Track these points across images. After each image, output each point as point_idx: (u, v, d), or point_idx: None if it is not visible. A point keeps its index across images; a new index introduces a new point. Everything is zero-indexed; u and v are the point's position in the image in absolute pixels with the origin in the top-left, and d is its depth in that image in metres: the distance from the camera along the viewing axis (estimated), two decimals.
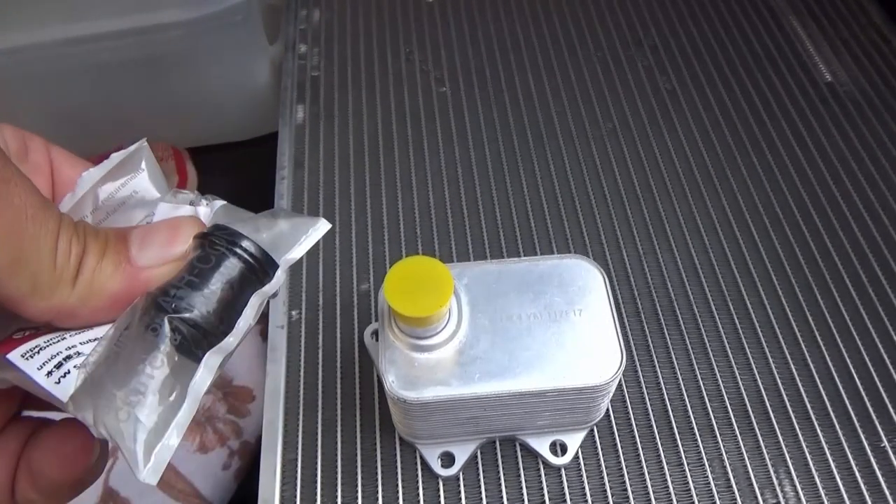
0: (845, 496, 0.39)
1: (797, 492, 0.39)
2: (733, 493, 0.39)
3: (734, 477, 0.40)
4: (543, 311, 0.38)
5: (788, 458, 0.41)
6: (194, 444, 0.48)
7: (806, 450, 0.41)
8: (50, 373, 0.18)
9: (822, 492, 0.39)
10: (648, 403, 0.43)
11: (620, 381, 0.44)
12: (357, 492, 0.40)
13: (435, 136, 0.57)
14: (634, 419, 0.42)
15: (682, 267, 0.49)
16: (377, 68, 0.63)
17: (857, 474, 0.40)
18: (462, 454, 0.41)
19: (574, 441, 0.41)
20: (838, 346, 0.45)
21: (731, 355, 0.45)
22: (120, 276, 0.19)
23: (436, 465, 0.40)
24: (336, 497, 0.40)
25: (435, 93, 0.61)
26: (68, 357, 0.19)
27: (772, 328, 0.46)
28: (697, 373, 0.44)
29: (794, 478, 0.40)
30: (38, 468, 0.20)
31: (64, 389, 0.18)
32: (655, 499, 0.39)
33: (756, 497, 0.39)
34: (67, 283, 0.18)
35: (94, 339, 0.20)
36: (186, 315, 0.20)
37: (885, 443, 0.41)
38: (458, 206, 0.52)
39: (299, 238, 0.23)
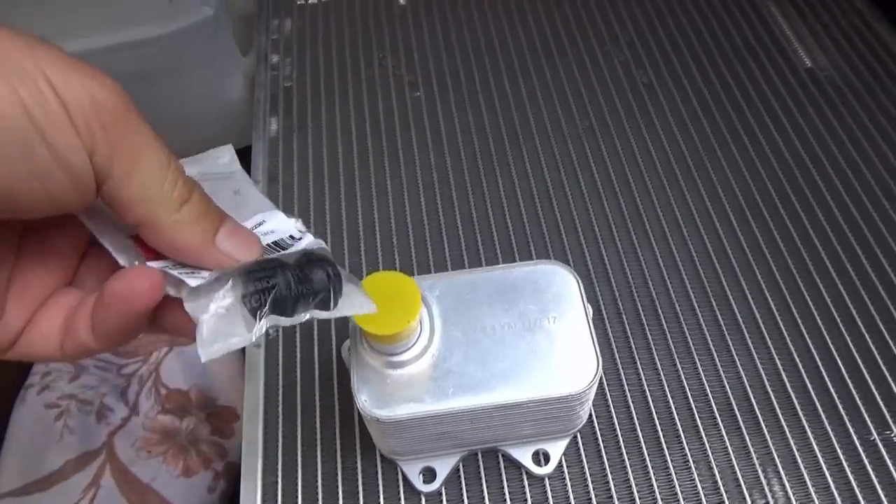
0: (835, 493, 0.38)
1: (786, 491, 0.39)
2: (721, 495, 0.39)
3: (721, 478, 0.39)
4: (517, 321, 0.37)
5: (776, 456, 0.40)
6: (178, 468, 0.47)
7: (794, 447, 0.40)
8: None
9: (811, 489, 0.39)
10: (632, 407, 0.42)
11: (603, 385, 0.43)
12: None
13: (409, 143, 0.56)
14: (618, 424, 0.41)
15: (662, 263, 0.48)
16: (350, 75, 0.62)
17: (847, 470, 0.39)
18: (443, 468, 0.40)
19: (557, 449, 0.40)
20: (823, 337, 0.44)
21: (714, 353, 0.44)
22: (201, 243, 0.24)
23: (417, 482, 0.40)
24: None
25: (409, 98, 0.60)
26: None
27: (755, 322, 0.45)
28: (681, 373, 0.43)
29: (783, 476, 0.39)
30: (107, 302, 0.23)
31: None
32: None
33: (744, 498, 0.39)
34: (165, 207, 0.22)
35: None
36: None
37: (875, 436, 0.40)
38: (434, 214, 0.52)
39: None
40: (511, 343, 0.36)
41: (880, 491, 0.38)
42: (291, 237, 0.29)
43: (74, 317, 0.24)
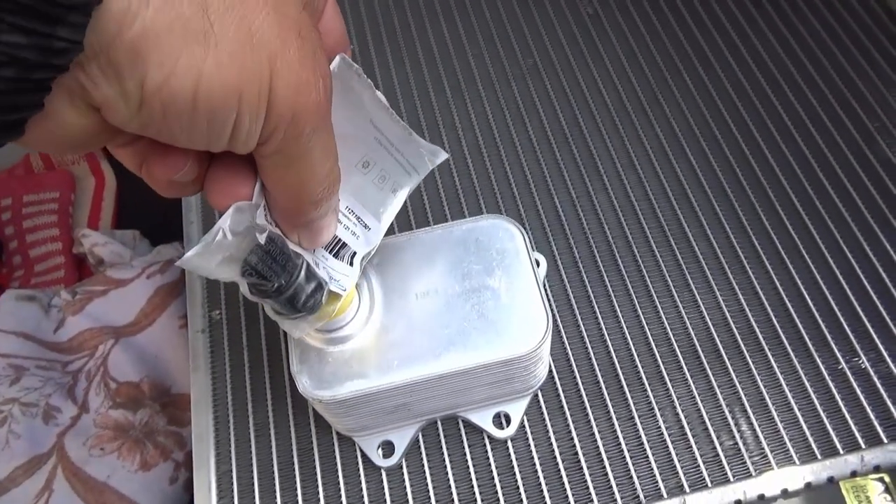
0: (804, 426, 0.37)
1: (755, 429, 0.38)
2: (688, 440, 0.38)
3: (688, 423, 0.38)
4: (462, 282, 0.35)
5: (743, 396, 0.39)
6: (134, 462, 0.46)
7: (761, 384, 0.39)
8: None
9: (780, 426, 0.38)
10: (594, 358, 0.40)
11: (562, 338, 0.41)
12: (297, 495, 0.38)
13: None
14: (580, 377, 0.40)
15: (617, 206, 0.46)
16: None
17: (816, 402, 0.38)
18: (402, 441, 0.38)
19: (518, 410, 0.39)
20: (787, 267, 0.43)
21: (675, 294, 0.42)
22: (293, 219, 0.27)
23: (376, 457, 0.38)
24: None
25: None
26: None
27: (717, 258, 0.43)
28: (642, 318, 0.42)
29: (751, 415, 0.38)
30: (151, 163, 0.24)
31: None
32: (608, 457, 0.37)
33: (712, 441, 0.37)
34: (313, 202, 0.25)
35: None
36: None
37: (843, 364, 0.39)
38: None
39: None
40: (456, 307, 0.34)
41: (850, 419, 0.37)
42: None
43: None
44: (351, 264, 0.31)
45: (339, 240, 0.31)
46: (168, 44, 0.18)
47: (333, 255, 0.30)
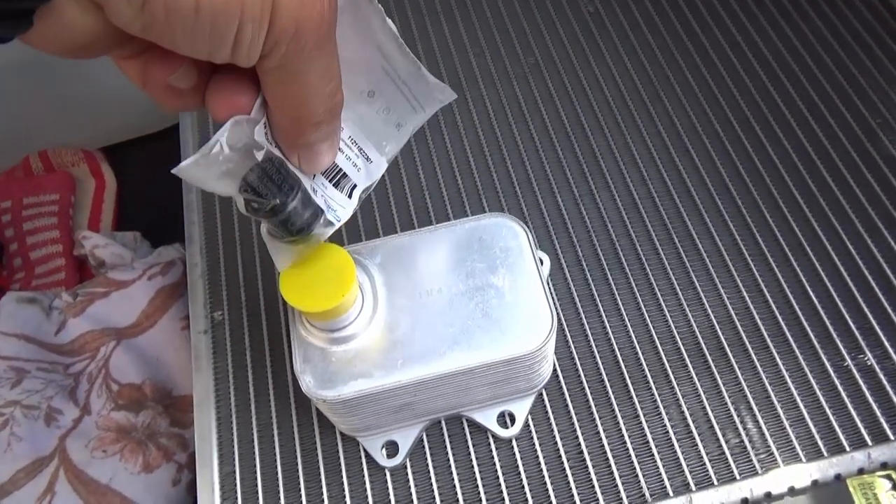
0: (810, 423, 0.37)
1: (760, 427, 0.37)
2: (694, 438, 0.37)
3: (693, 421, 0.38)
4: (465, 281, 0.35)
5: (749, 394, 0.38)
6: (137, 464, 0.45)
7: (766, 381, 0.39)
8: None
9: (786, 423, 0.37)
10: (598, 357, 0.40)
11: (567, 337, 0.41)
12: (301, 496, 0.38)
13: None
14: (584, 376, 0.40)
15: (621, 204, 0.46)
16: None
17: (822, 399, 0.38)
18: (406, 441, 0.38)
19: (522, 409, 0.39)
20: (791, 264, 0.42)
21: (679, 292, 0.42)
22: (294, 140, 0.26)
23: (380, 457, 0.38)
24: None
25: None
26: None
27: (720, 256, 0.43)
28: (646, 316, 0.41)
29: (757, 413, 0.38)
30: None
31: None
32: (613, 456, 0.37)
33: (718, 439, 0.37)
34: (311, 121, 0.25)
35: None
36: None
37: (849, 361, 0.39)
38: None
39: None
40: (460, 305, 0.34)
41: (856, 417, 0.37)
42: None
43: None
44: (350, 196, 0.31)
45: (340, 169, 0.30)
46: None
47: (333, 185, 0.30)
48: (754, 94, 0.50)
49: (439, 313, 0.34)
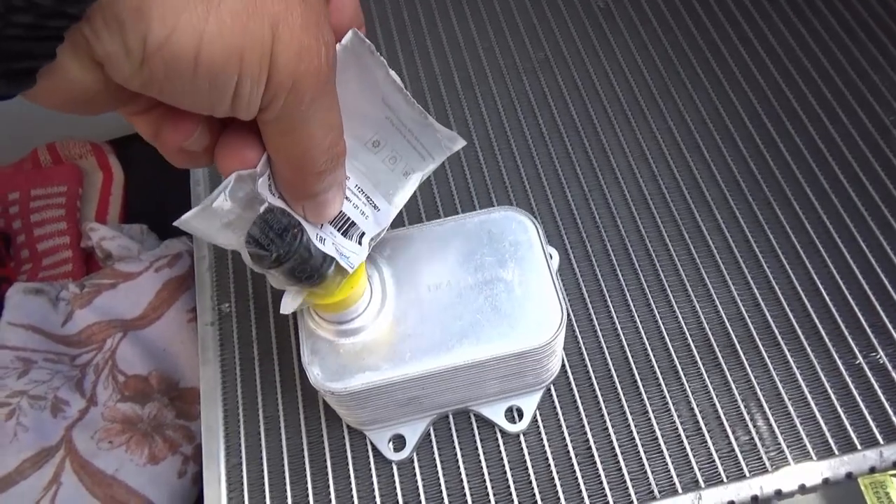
0: (822, 422, 0.37)
1: (770, 424, 0.37)
2: (703, 435, 0.37)
3: (703, 418, 0.38)
4: (475, 274, 0.35)
5: (759, 391, 0.38)
6: (143, 456, 0.45)
7: (777, 378, 0.38)
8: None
9: (796, 421, 0.37)
10: (607, 352, 0.40)
11: (575, 332, 0.41)
12: (307, 488, 0.38)
13: None
14: (593, 372, 0.39)
15: (630, 200, 0.45)
16: None
17: (833, 397, 0.38)
18: (413, 435, 0.38)
19: (530, 404, 0.38)
20: (803, 261, 0.42)
21: (689, 288, 0.42)
22: (299, 196, 0.27)
23: (387, 450, 0.38)
24: (286, 497, 0.38)
25: None
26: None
27: (731, 252, 0.43)
28: (656, 312, 0.41)
29: (767, 410, 0.37)
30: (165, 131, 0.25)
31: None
32: (622, 452, 0.37)
33: (727, 436, 0.37)
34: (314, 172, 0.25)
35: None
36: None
37: (861, 359, 0.39)
38: None
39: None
40: (469, 299, 0.34)
41: (867, 415, 0.37)
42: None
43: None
44: (360, 244, 0.31)
45: (348, 217, 0.30)
46: (171, 1, 0.18)
47: (342, 234, 0.30)
48: (766, 91, 0.50)
49: (448, 307, 0.34)
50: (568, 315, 0.41)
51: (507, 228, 0.36)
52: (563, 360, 0.40)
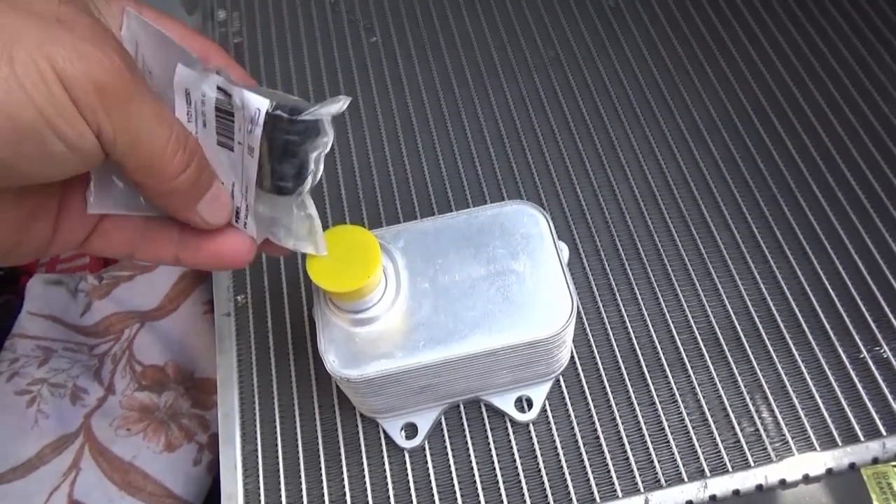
0: (826, 414, 0.38)
1: (776, 416, 0.38)
2: (709, 426, 0.38)
3: (709, 409, 0.38)
4: (487, 265, 0.36)
5: (764, 383, 0.39)
6: (159, 443, 0.46)
7: (782, 371, 0.39)
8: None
9: (801, 413, 0.38)
10: (615, 345, 0.41)
11: (584, 325, 0.41)
12: (321, 475, 0.39)
13: (369, 91, 0.54)
14: (601, 363, 0.40)
15: (639, 195, 0.46)
16: (302, 25, 0.59)
17: (838, 390, 0.38)
18: (425, 423, 0.39)
19: (540, 394, 0.39)
20: (809, 257, 0.43)
21: (697, 282, 0.42)
22: (184, 208, 0.26)
23: (399, 438, 0.39)
24: (300, 483, 0.39)
25: (365, 44, 0.57)
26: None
27: (738, 248, 0.44)
28: (663, 305, 0.42)
29: (772, 402, 0.38)
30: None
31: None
32: (629, 442, 0.38)
33: (733, 427, 0.38)
34: (163, 176, 0.24)
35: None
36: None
37: (865, 353, 0.39)
38: (399, 162, 0.49)
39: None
40: (481, 289, 0.35)
41: (871, 407, 0.37)
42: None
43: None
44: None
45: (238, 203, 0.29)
46: None
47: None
48: (773, 89, 0.50)
49: (460, 297, 0.35)
50: (578, 307, 0.42)
51: (519, 222, 0.36)
52: (572, 352, 0.40)
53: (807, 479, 0.36)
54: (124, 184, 0.27)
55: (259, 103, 0.25)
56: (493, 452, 0.38)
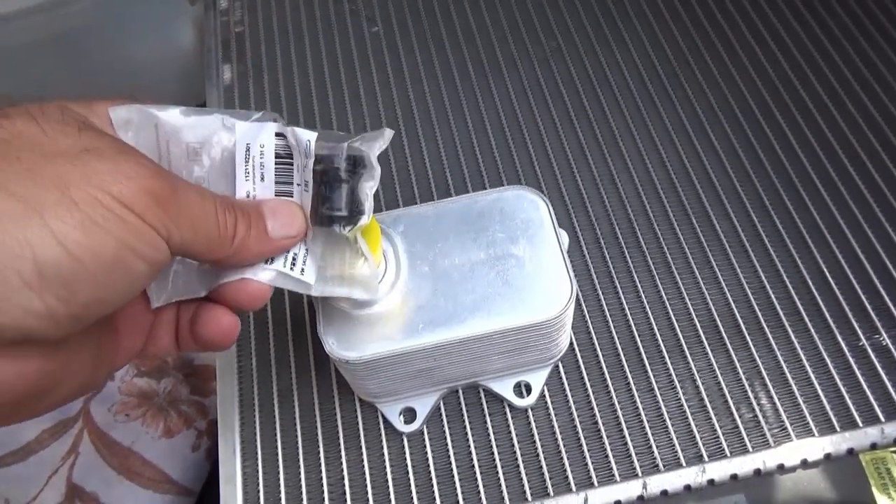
0: (824, 400, 0.38)
1: (774, 402, 0.38)
2: (707, 412, 0.38)
3: (707, 395, 0.38)
4: (486, 250, 0.36)
5: (763, 370, 0.39)
6: (158, 429, 0.46)
7: (781, 359, 0.39)
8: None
9: (799, 399, 0.38)
10: (614, 331, 0.41)
11: (584, 312, 0.42)
12: (320, 459, 0.39)
13: (371, 81, 0.54)
14: (600, 349, 0.40)
15: (639, 185, 0.46)
16: (304, 14, 0.59)
17: (836, 377, 0.38)
18: (423, 408, 0.39)
19: (538, 380, 0.39)
20: (808, 245, 0.43)
21: (696, 271, 0.42)
22: (261, 249, 0.27)
23: (398, 422, 0.39)
24: (299, 467, 0.39)
25: (367, 33, 0.57)
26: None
27: (737, 236, 0.44)
28: (663, 293, 0.42)
29: (770, 389, 0.38)
30: (200, 331, 0.28)
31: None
32: (628, 427, 0.38)
33: (732, 413, 0.38)
34: (227, 244, 0.25)
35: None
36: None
37: (864, 341, 0.39)
38: (400, 151, 0.49)
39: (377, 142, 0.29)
40: (481, 273, 0.35)
41: (869, 394, 0.37)
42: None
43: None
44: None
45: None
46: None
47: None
48: (775, 81, 0.50)
49: (460, 281, 0.35)
50: (577, 292, 0.42)
51: (519, 207, 0.37)
52: (571, 339, 0.40)
53: (805, 465, 0.36)
54: (174, 272, 0.28)
55: (308, 136, 0.27)
56: (492, 437, 0.38)
